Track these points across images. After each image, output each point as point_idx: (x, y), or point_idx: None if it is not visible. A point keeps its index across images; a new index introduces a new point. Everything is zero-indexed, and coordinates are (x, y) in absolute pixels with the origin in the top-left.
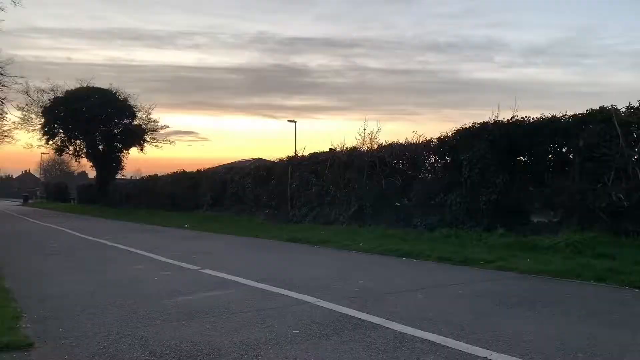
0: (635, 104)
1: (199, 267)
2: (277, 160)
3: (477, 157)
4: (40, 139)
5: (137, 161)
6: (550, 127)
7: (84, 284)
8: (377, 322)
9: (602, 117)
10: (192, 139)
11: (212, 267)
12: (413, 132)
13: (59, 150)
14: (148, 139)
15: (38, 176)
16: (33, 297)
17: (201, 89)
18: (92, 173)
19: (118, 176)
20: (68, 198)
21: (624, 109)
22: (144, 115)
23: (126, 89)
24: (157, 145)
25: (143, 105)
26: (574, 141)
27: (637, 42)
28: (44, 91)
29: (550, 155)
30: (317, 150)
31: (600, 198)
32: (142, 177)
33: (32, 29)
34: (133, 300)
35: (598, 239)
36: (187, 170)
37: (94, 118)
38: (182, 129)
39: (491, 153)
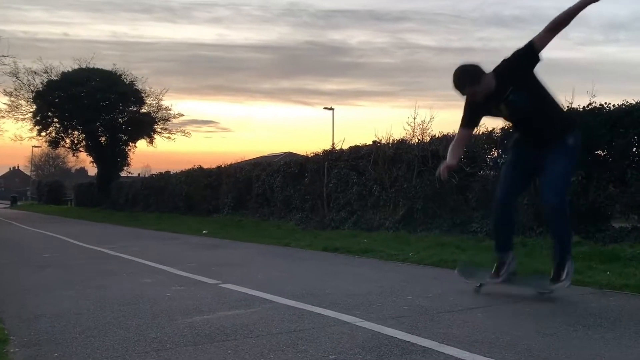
0: None
1: (218, 281)
2: (311, 154)
3: None
4: (31, 129)
5: (146, 156)
6: (634, 116)
7: (83, 301)
8: (429, 346)
9: None
10: (210, 129)
11: (234, 280)
12: None
13: (54, 143)
14: (158, 129)
15: (29, 174)
16: (23, 316)
17: (222, 70)
18: (92, 170)
19: (123, 174)
20: (64, 199)
21: None
22: (154, 102)
23: (133, 70)
24: (169, 137)
25: (153, 89)
26: None
27: None
28: (35, 73)
29: (634, 149)
30: (358, 143)
31: None
32: (152, 174)
33: None
34: (140, 320)
35: None
36: (205, 166)
37: (95, 105)
38: (199, 118)
39: None
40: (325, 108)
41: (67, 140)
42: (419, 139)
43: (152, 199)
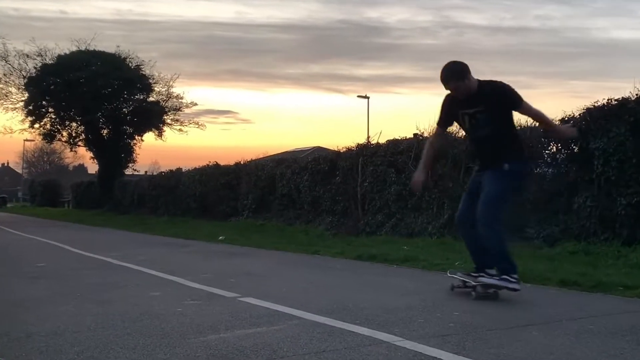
0: None
1: (237, 294)
2: (344, 149)
3: (614, 145)
4: (22, 120)
5: (154, 151)
6: None
7: (82, 318)
8: None
9: None
10: (228, 120)
11: (255, 294)
12: None
13: (48, 136)
14: (169, 120)
15: (20, 171)
16: (12, 335)
17: (241, 53)
18: (93, 167)
19: (128, 171)
20: (60, 200)
21: None
22: (164, 89)
23: (139, 53)
24: (180, 130)
25: (162, 75)
26: None
27: None
28: (27, 56)
29: None
30: (397, 136)
31: None
32: (161, 172)
33: None
34: (148, 339)
35: None
36: (222, 163)
37: (96, 92)
38: (215, 108)
39: (634, 140)
40: (359, 96)
41: (64, 133)
42: None
43: (161, 200)
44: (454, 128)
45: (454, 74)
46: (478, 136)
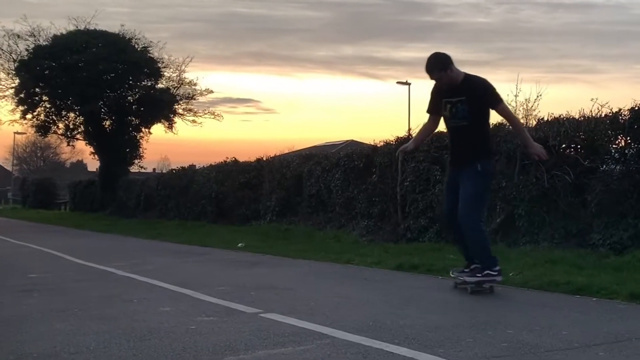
0: None
1: (259, 310)
2: (381, 143)
3: None
4: (12, 110)
5: (164, 145)
6: None
7: (81, 337)
8: None
9: None
10: (249, 110)
11: (279, 309)
12: (592, 100)
13: (43, 128)
14: (180, 110)
15: (10, 168)
16: (2, 357)
17: (264, 33)
18: (93, 164)
19: (134, 169)
20: (56, 202)
21: None
22: (175, 75)
23: (147, 33)
24: (194, 121)
25: (173, 58)
26: None
27: None
28: (18, 36)
29: None
30: (441, 129)
31: None
32: (172, 169)
33: None
34: None
35: None
36: (242, 159)
37: (97, 78)
38: (234, 96)
39: None
40: (399, 82)
41: (60, 125)
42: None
43: (171, 202)
44: (499, 117)
45: (437, 63)
46: (456, 126)
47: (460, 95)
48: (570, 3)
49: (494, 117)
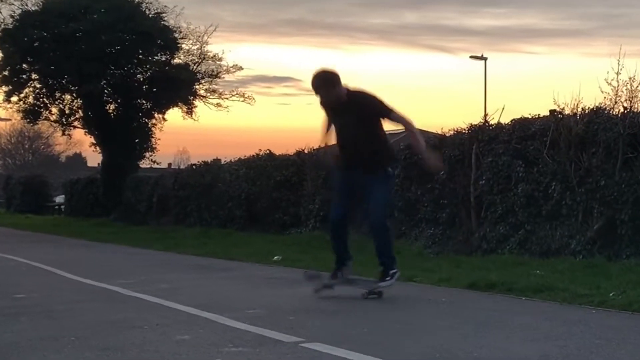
0: None
1: (299, 339)
2: (450, 132)
3: None
4: None
5: (182, 135)
6: None
7: None
8: None
9: None
10: (288, 91)
11: (324, 337)
12: None
13: (32, 114)
14: (202, 91)
15: None
16: None
17: None
18: (94, 158)
19: (145, 164)
20: (48, 205)
21: None
22: (195, 47)
23: None
24: (219, 105)
25: (193, 27)
26: None
27: None
28: (1, 0)
29: None
30: (526, 114)
31: None
32: (192, 165)
33: None
34: None
35: None
36: (278, 152)
37: (98, 52)
38: (270, 74)
39: None
40: (472, 57)
41: (53, 110)
42: (625, 108)
43: (191, 205)
44: (597, 101)
45: (325, 82)
46: (350, 142)
47: (349, 112)
48: None
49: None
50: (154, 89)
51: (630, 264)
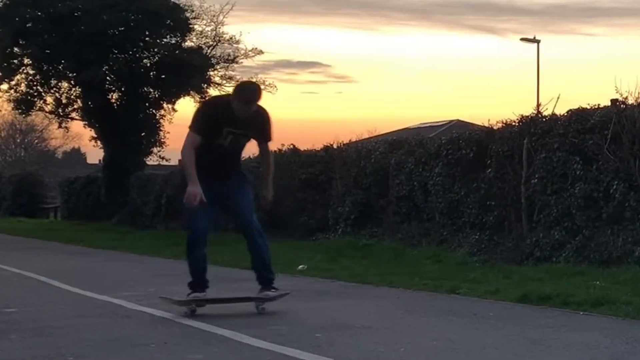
0: None
1: (327, 358)
2: (499, 125)
3: None
4: None
5: None
6: None
7: None
8: None
9: None
10: (315, 78)
11: (356, 356)
12: None
13: (24, 104)
14: (217, 78)
15: None
16: None
17: None
18: (94, 153)
19: (151, 160)
20: (43, 207)
21: None
22: (209, 29)
23: None
24: None
25: (206, 6)
26: None
27: None
28: None
29: None
30: (584, 105)
31: None
32: None
33: None
34: None
35: None
36: (303, 147)
37: (100, 34)
38: (295, 58)
39: None
40: (523, 39)
41: (49, 99)
42: None
43: None
44: None
45: (238, 95)
46: (227, 153)
47: (247, 129)
48: None
49: None
50: (163, 76)
51: None
